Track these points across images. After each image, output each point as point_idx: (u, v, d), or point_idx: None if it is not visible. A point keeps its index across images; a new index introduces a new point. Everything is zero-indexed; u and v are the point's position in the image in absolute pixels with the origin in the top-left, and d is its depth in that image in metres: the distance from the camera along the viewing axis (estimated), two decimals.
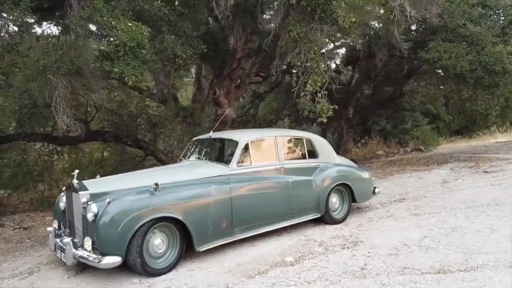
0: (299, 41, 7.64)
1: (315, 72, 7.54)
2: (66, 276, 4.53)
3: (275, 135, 5.84)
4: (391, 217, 6.56)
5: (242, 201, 5.14)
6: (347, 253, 4.96)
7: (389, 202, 7.67)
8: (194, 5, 10.61)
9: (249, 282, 4.27)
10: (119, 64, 6.14)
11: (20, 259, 5.25)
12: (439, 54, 11.01)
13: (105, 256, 4.11)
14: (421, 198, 7.85)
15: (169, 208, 4.46)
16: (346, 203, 6.45)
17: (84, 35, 6.18)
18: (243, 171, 5.34)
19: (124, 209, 4.24)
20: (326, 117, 7.61)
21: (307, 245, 5.38)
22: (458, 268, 4.27)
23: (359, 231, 5.91)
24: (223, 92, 11.93)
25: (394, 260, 4.63)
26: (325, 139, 6.89)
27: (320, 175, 6.13)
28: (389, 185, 9.57)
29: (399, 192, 8.58)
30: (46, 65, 6.28)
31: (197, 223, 4.66)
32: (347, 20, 6.69)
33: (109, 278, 4.38)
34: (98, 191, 4.49)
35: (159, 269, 4.43)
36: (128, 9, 6.94)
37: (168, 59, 7.93)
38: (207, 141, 6.01)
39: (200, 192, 4.81)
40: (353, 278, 4.24)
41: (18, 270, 4.79)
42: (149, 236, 4.40)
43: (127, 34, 6.26)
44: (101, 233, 4.15)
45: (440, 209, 6.86)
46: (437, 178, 10.08)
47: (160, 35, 7.86)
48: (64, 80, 6.39)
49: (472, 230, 5.47)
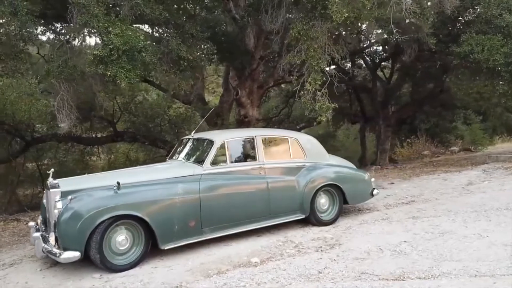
0: (300, 39, 7.51)
1: (315, 70, 7.36)
2: (39, 268, 4.81)
3: (255, 135, 5.79)
4: (385, 220, 6.26)
5: (213, 201, 5.16)
6: (315, 256, 4.82)
7: (395, 205, 7.31)
8: (213, 7, 10.84)
9: (204, 281, 4.29)
10: (112, 67, 6.40)
11: (13, 252, 5.65)
12: (471, 47, 10.31)
13: (66, 250, 4.32)
14: (431, 201, 7.41)
15: (130, 206, 4.59)
16: (336, 205, 6.24)
17: (82, 40, 6.48)
18: (217, 171, 5.36)
19: (84, 206, 4.43)
20: (326, 116, 7.38)
21: (282, 246, 5.29)
22: (418, 275, 4.01)
23: (343, 233, 5.71)
24: (245, 93, 11.98)
25: (357, 265, 4.43)
26: (315, 139, 6.69)
27: (306, 176, 5.98)
28: (406, 187, 9.11)
29: (412, 194, 8.14)
30: (50, 70, 6.69)
31: (161, 222, 4.75)
32: (340, 15, 6.47)
33: (74, 272, 4.59)
34: (68, 189, 4.72)
35: (120, 265, 4.57)
36: (130, 15, 7.22)
37: (173, 61, 8.13)
38: (189, 141, 6.09)
39: (164, 191, 4.89)
40: (306, 282, 4.12)
41: (4, 262, 5.17)
42: (111, 233, 4.55)
43: (121, 38, 6.51)
44: (62, 229, 4.37)
45: (443, 212, 6.45)
46: (463, 180, 9.43)
47: (165, 37, 8.10)
48: (66, 84, 6.76)
49: (459, 236, 5.10)
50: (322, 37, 7.38)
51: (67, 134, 9.42)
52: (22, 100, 9.92)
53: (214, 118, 12.28)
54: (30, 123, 10.47)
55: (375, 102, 16.75)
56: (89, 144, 10.94)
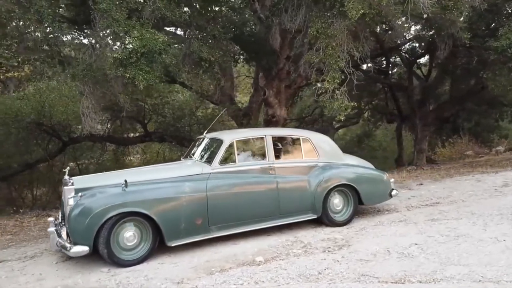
0: (319, 37, 7.43)
1: (333, 69, 7.26)
2: (55, 262, 5.07)
3: (265, 134, 5.79)
4: (402, 222, 6.07)
5: (220, 200, 5.22)
6: (320, 257, 4.77)
7: (417, 206, 7.06)
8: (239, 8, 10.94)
9: (205, 278, 4.35)
10: (131, 69, 6.62)
11: (37, 245, 5.97)
12: (510, 41, 9.77)
13: (76, 245, 4.53)
14: (457, 203, 7.10)
15: (137, 204, 4.73)
16: (351, 206, 6.12)
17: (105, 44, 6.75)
18: (225, 170, 5.42)
19: (92, 203, 4.62)
20: (345, 115, 7.26)
21: (290, 246, 5.26)
22: (420, 279, 3.88)
23: (355, 235, 5.59)
24: (273, 92, 11.99)
25: (360, 267, 4.34)
26: (330, 138, 6.59)
27: (318, 175, 5.91)
28: (435, 188, 8.76)
29: (439, 196, 7.82)
30: (75, 74, 7.01)
31: (167, 219, 4.86)
32: (355, 12, 6.34)
33: (85, 266, 4.80)
34: (81, 187, 4.94)
35: (127, 260, 4.72)
36: (151, 18, 7.43)
37: (195, 62, 8.29)
38: (202, 140, 6.18)
39: (171, 190, 5.00)
40: (304, 282, 4.10)
41: (26, 254, 5.48)
42: (119, 229, 4.72)
43: (140, 41, 6.72)
44: (72, 224, 4.59)
45: (466, 214, 6.17)
46: (498, 181, 8.96)
47: (187, 39, 8.26)
48: (90, 86, 7.06)
49: (474, 240, 4.87)
50: (340, 35, 7.26)
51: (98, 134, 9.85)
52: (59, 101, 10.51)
53: (240, 118, 12.35)
54: (67, 124, 11.04)
55: (412, 101, 16.23)
56: (120, 144, 11.36)
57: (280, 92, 12.18)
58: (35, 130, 10.62)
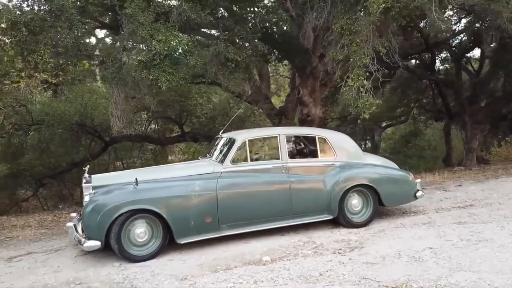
0: (343, 33, 7.27)
1: (358, 66, 7.05)
2: (75, 255, 5.34)
3: (278, 133, 5.74)
4: (426, 224, 5.79)
5: (230, 199, 5.26)
6: (327, 258, 4.67)
7: (447, 209, 6.70)
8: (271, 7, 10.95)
9: (208, 276, 4.40)
10: (154, 71, 6.83)
11: (64, 239, 6.30)
12: None
13: (89, 240, 4.75)
14: (492, 205, 6.66)
15: (147, 201, 4.88)
16: (370, 207, 5.92)
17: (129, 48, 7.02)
18: (237, 169, 5.44)
19: (104, 200, 4.83)
20: (369, 113, 7.03)
21: (301, 246, 5.19)
22: (422, 284, 3.69)
23: (372, 236, 5.41)
24: (307, 91, 11.86)
25: (364, 270, 4.20)
26: (350, 137, 6.39)
27: (334, 175, 5.77)
28: (474, 190, 8.26)
29: (475, 198, 7.37)
30: (104, 76, 7.34)
31: (177, 217, 4.97)
32: (376, 6, 6.13)
33: (101, 260, 5.02)
34: (98, 184, 5.19)
35: (138, 255, 4.88)
36: (177, 21, 7.62)
37: (221, 63, 8.38)
38: (219, 140, 6.24)
39: (181, 188, 5.10)
40: (302, 283, 4.03)
41: (52, 247, 5.82)
42: (130, 226, 4.89)
43: (164, 44, 6.91)
44: (85, 220, 4.82)
45: (496, 218, 5.79)
46: None
47: (214, 40, 8.38)
48: (119, 88, 7.36)
49: (495, 245, 4.56)
50: (365, 31, 7.04)
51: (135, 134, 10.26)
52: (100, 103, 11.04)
53: (273, 117, 12.33)
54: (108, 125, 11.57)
55: (461, 97, 15.37)
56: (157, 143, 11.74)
57: (315, 91, 12.03)
58: (78, 131, 11.23)
